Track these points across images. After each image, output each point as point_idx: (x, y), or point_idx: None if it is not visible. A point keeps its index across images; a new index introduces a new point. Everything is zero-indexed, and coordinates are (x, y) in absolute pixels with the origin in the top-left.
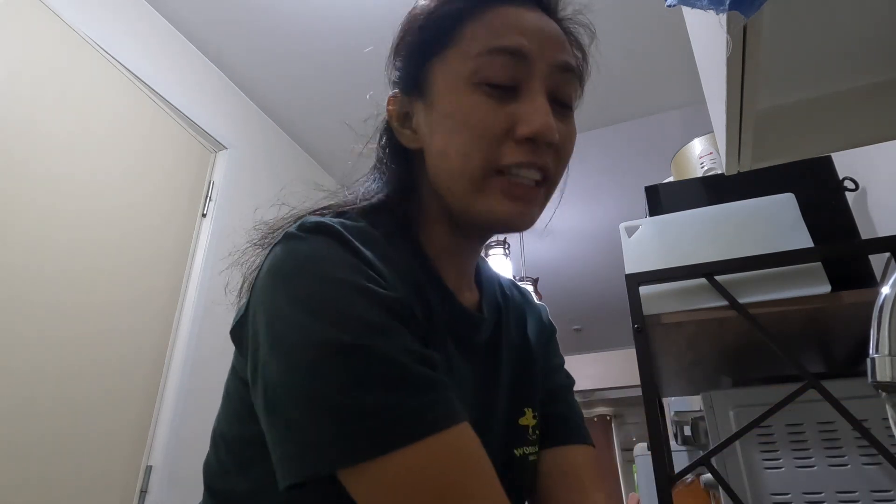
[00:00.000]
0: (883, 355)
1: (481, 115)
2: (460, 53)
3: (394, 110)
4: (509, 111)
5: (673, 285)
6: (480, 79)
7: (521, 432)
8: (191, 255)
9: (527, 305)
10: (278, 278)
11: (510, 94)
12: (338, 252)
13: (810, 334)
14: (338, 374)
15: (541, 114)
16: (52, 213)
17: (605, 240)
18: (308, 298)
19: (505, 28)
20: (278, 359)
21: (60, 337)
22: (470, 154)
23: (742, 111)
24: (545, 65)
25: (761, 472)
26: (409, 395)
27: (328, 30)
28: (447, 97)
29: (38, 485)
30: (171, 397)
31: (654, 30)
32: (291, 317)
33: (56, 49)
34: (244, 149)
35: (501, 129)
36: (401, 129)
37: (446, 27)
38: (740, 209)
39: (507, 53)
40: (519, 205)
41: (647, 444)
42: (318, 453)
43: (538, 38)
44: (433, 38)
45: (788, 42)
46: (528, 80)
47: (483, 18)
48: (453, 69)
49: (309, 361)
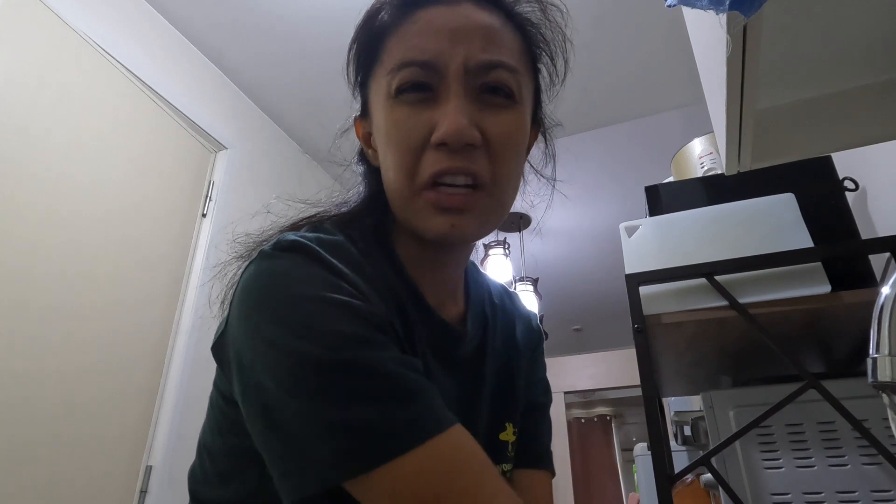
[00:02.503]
0: (883, 355)
1: (401, 128)
2: (383, 70)
3: (361, 133)
4: (426, 119)
5: (673, 285)
6: (395, 91)
7: (501, 448)
8: (191, 255)
9: (516, 312)
10: (256, 298)
11: (428, 102)
12: (313, 270)
13: (810, 334)
14: (328, 391)
15: (451, 118)
16: (52, 214)
17: (605, 240)
18: (287, 318)
19: (415, 36)
20: (269, 380)
21: (60, 337)
22: (398, 168)
23: (742, 111)
24: (459, 65)
25: (761, 472)
26: (401, 403)
27: (328, 30)
28: (378, 114)
29: (39, 485)
30: (171, 397)
31: (653, 30)
32: (275, 338)
33: (56, 49)
34: (244, 149)
35: (421, 139)
36: (367, 149)
37: (373, 46)
38: (740, 209)
39: (415, 64)
40: (450, 217)
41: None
42: (318, 469)
43: (448, 39)
44: (365, 59)
45: (788, 42)
46: (441, 84)
47: (400, 31)
48: (380, 87)
49: (299, 381)
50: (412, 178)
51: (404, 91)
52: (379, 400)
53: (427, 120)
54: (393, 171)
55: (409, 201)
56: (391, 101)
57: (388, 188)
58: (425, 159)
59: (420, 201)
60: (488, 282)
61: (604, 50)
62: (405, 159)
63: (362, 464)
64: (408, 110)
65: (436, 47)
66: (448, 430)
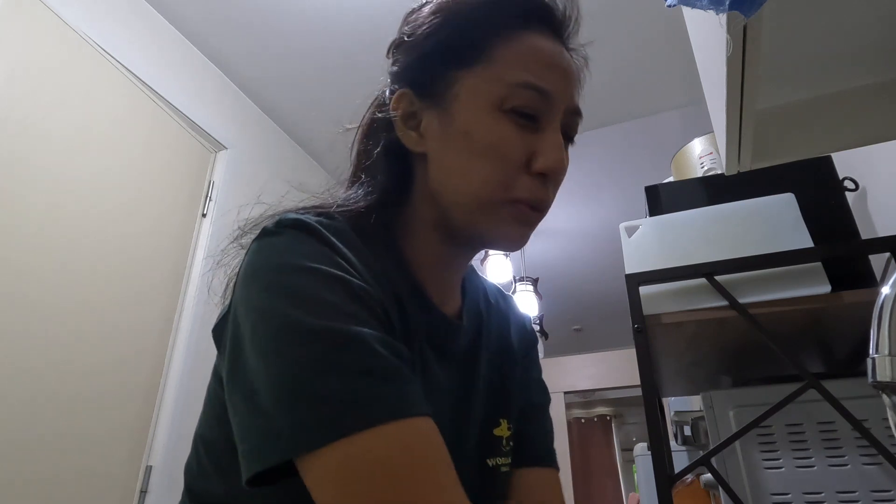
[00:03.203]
0: (883, 355)
1: (508, 144)
2: (491, 75)
3: (402, 109)
4: (529, 143)
5: (673, 285)
6: (509, 106)
7: (495, 442)
8: (191, 255)
9: (511, 313)
10: (254, 272)
11: (532, 127)
12: (313, 245)
13: (810, 334)
14: (302, 358)
15: (557, 152)
16: (52, 213)
17: (605, 240)
18: (280, 287)
19: (536, 63)
20: (250, 347)
21: (60, 337)
22: (491, 180)
23: (742, 111)
24: (564, 105)
25: (761, 472)
26: (371, 379)
27: (328, 30)
28: (472, 116)
29: (39, 484)
30: (171, 397)
31: (654, 30)
32: (265, 306)
33: (56, 49)
34: (244, 149)
35: (521, 160)
36: (405, 129)
37: (477, 41)
38: (740, 209)
39: (538, 91)
40: (523, 229)
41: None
42: (275, 442)
43: (562, 80)
44: (460, 48)
45: (788, 42)
46: (548, 116)
47: (514, 44)
48: (482, 89)
49: (278, 344)
50: (503, 191)
51: (519, 112)
52: (348, 372)
53: (530, 143)
54: (480, 179)
55: (490, 209)
56: (497, 112)
57: (456, 186)
58: (521, 180)
59: (503, 212)
60: (483, 282)
61: (603, 50)
62: (504, 173)
63: (318, 436)
64: (515, 129)
65: (555, 83)
66: (415, 418)
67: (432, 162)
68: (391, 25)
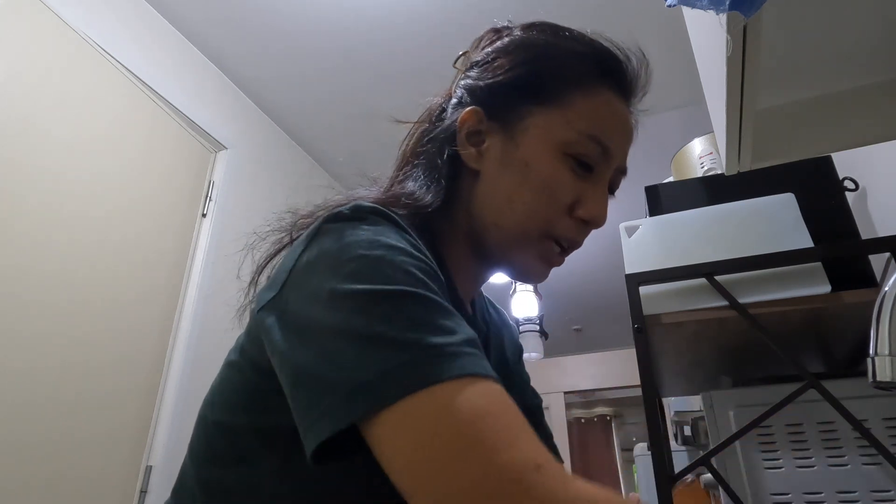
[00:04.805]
0: (883, 355)
1: (562, 186)
2: (563, 119)
3: (469, 124)
4: (579, 189)
5: (673, 285)
6: (573, 152)
7: None
8: (191, 255)
9: (502, 323)
10: (338, 248)
11: (585, 176)
12: (393, 230)
13: (810, 334)
14: (395, 314)
15: (602, 205)
16: (52, 213)
17: (605, 240)
18: (367, 258)
19: (606, 120)
20: (336, 313)
21: (60, 337)
22: (536, 214)
23: (742, 111)
24: (616, 165)
25: (761, 472)
26: (461, 342)
27: (328, 30)
28: (536, 150)
29: (39, 485)
30: (171, 397)
31: (653, 30)
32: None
33: (56, 49)
34: (244, 149)
35: (568, 203)
36: (466, 143)
37: (558, 85)
38: (740, 209)
39: (601, 145)
40: (546, 267)
41: (647, 444)
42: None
43: (624, 142)
44: (542, 88)
45: (788, 42)
46: (602, 169)
47: (590, 96)
48: (552, 129)
49: (364, 306)
50: (544, 226)
51: (582, 161)
52: (440, 329)
53: (580, 190)
54: (528, 210)
55: (525, 239)
56: (560, 154)
57: (502, 210)
58: (563, 221)
59: (536, 246)
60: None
61: None
62: (551, 210)
63: (411, 381)
64: (570, 173)
65: (617, 142)
66: (493, 379)
67: (484, 181)
68: (391, 25)
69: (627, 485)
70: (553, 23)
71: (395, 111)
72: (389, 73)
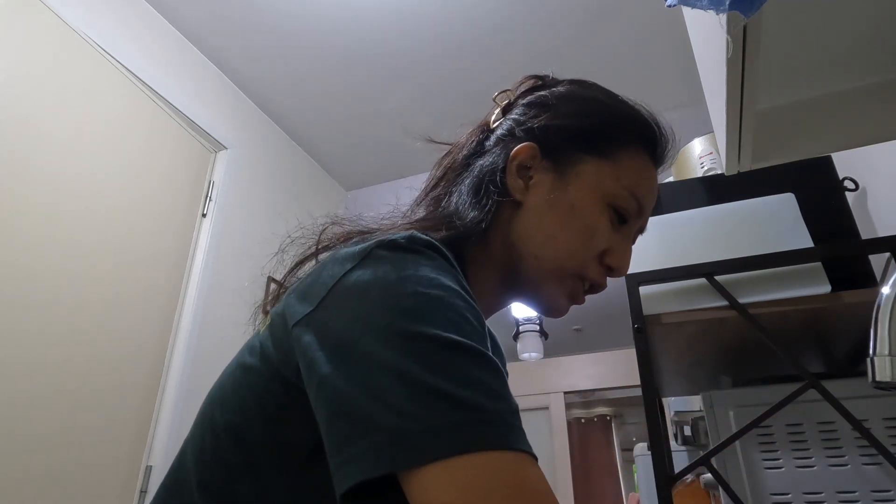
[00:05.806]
0: (883, 355)
1: (600, 233)
2: (613, 172)
3: (522, 158)
4: (612, 239)
5: (673, 285)
6: (615, 204)
7: None
8: (191, 255)
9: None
10: (396, 280)
11: (618, 227)
12: (447, 268)
13: (810, 334)
14: (447, 366)
15: (628, 257)
16: (53, 213)
17: None
18: (424, 297)
19: (645, 181)
20: (388, 352)
21: (60, 337)
22: (574, 254)
23: (742, 111)
24: (643, 223)
25: (761, 472)
26: (508, 410)
27: (328, 29)
28: (584, 196)
29: (38, 484)
30: (171, 397)
31: (653, 30)
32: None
33: (56, 49)
34: (244, 149)
35: (600, 249)
36: (516, 175)
37: (614, 141)
38: (740, 209)
39: (639, 203)
40: (569, 304)
41: (647, 444)
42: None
43: (652, 203)
44: (600, 140)
45: (788, 42)
46: (633, 223)
47: (636, 157)
48: (601, 179)
49: (418, 350)
50: (578, 266)
51: (620, 213)
52: (490, 392)
53: (611, 239)
54: (569, 248)
55: (560, 275)
56: (604, 203)
57: (544, 245)
58: (593, 264)
59: (567, 283)
60: None
61: (603, 50)
62: (587, 253)
63: (455, 444)
64: (608, 223)
65: (649, 203)
66: (533, 457)
67: (527, 214)
68: (391, 25)
69: (627, 485)
70: (599, 84)
71: (395, 111)
72: (389, 72)
